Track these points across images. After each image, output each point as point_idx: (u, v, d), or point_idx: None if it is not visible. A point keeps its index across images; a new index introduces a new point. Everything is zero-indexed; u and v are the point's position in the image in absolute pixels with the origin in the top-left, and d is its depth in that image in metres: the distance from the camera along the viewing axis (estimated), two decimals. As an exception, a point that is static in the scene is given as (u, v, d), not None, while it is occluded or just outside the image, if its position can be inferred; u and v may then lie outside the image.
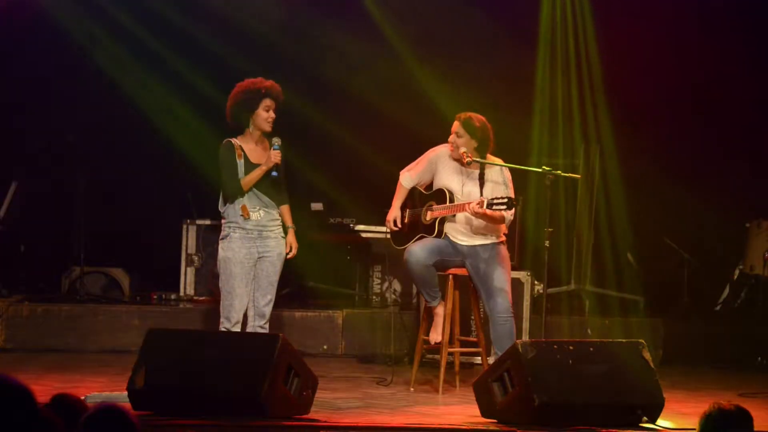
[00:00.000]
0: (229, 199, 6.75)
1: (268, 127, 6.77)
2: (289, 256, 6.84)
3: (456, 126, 7.00)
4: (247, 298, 6.72)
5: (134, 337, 8.32)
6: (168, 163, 10.17)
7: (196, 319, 8.97)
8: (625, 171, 10.42)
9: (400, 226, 7.18)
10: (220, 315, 6.71)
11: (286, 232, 6.87)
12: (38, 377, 7.00)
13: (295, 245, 6.85)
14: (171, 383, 5.78)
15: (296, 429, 5.71)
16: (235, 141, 6.78)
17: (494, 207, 6.68)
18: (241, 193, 6.71)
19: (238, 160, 6.73)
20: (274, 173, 6.70)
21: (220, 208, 6.80)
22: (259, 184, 6.72)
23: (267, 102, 6.75)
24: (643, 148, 10.46)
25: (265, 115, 6.75)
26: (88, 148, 9.69)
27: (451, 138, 7.00)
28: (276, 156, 6.68)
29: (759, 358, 8.92)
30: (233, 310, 6.67)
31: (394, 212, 7.21)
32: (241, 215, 6.70)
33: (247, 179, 6.70)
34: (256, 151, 6.78)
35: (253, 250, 6.72)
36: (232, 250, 6.71)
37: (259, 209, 6.75)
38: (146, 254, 10.21)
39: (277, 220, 6.82)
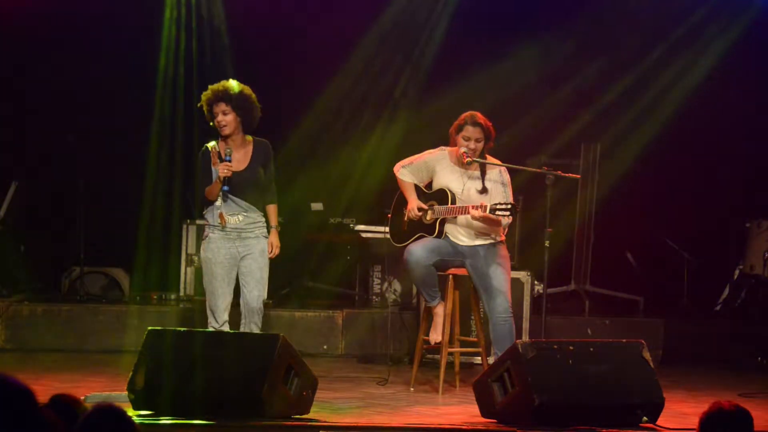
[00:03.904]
0: (205, 206, 6.75)
1: (223, 131, 6.71)
2: (270, 256, 6.80)
3: (477, 132, 6.91)
4: (230, 297, 6.74)
5: (134, 337, 8.31)
6: (168, 163, 10.18)
7: (196, 319, 8.96)
8: (625, 171, 10.43)
9: (426, 208, 7.11)
10: (207, 316, 6.73)
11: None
12: (38, 377, 6.99)
13: (276, 245, 6.80)
14: (171, 383, 5.78)
15: (296, 429, 5.71)
16: (214, 147, 6.75)
17: (497, 213, 6.67)
18: (207, 203, 6.72)
19: (213, 168, 6.71)
20: (225, 188, 6.63)
21: (204, 211, 6.83)
22: (236, 191, 6.68)
23: (215, 108, 6.69)
24: (642, 148, 10.48)
25: (216, 120, 6.72)
26: (88, 148, 9.69)
27: (470, 145, 6.91)
28: (222, 169, 6.62)
29: (759, 358, 8.92)
30: (218, 310, 6.70)
31: (415, 202, 7.10)
32: (219, 222, 6.69)
33: (208, 190, 6.70)
34: (232, 156, 6.73)
35: (233, 250, 6.72)
36: (212, 251, 6.72)
37: (238, 214, 6.73)
38: (146, 254, 10.20)
39: (259, 222, 6.79)
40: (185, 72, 10.10)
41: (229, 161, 6.64)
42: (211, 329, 6.67)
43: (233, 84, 6.71)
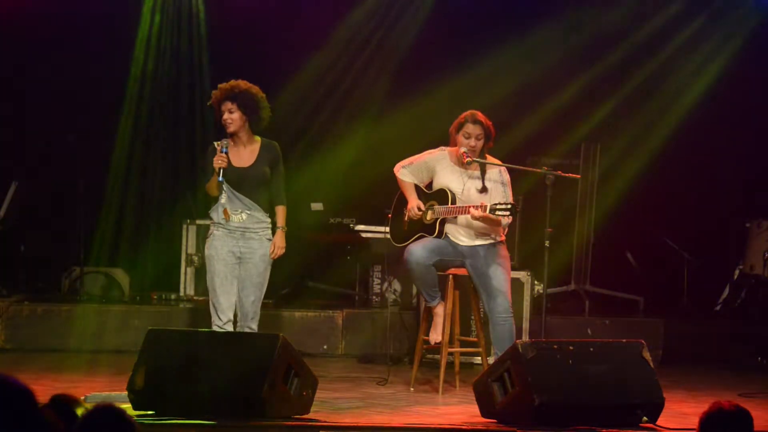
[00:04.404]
0: (211, 201, 6.79)
1: (228, 129, 6.76)
2: (272, 257, 6.80)
3: (477, 129, 6.90)
4: (233, 296, 6.73)
5: (134, 337, 8.30)
6: (169, 163, 10.19)
7: (196, 319, 8.96)
8: (625, 170, 10.44)
9: (424, 209, 7.11)
10: (211, 314, 6.73)
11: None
12: (38, 377, 7.00)
13: (279, 245, 6.79)
14: (171, 383, 5.78)
15: (296, 429, 5.71)
16: (219, 144, 6.79)
17: (497, 213, 6.67)
18: (210, 197, 6.76)
19: None
20: (220, 178, 6.67)
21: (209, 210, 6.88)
22: (240, 187, 6.72)
23: (222, 107, 6.75)
24: (643, 148, 10.49)
25: (222, 119, 6.77)
26: (88, 148, 9.69)
27: (471, 142, 6.91)
28: (217, 160, 6.68)
29: (759, 358, 8.92)
30: (221, 308, 6.70)
31: (415, 201, 7.09)
32: (223, 218, 6.71)
33: (208, 185, 6.76)
34: (238, 154, 6.77)
35: (235, 249, 6.73)
36: (215, 248, 6.74)
37: (242, 212, 6.74)
38: (146, 254, 10.21)
39: (264, 222, 6.80)
40: (177, 70, 10.14)
41: (225, 153, 6.69)
42: (215, 328, 6.67)
43: (241, 83, 6.77)
